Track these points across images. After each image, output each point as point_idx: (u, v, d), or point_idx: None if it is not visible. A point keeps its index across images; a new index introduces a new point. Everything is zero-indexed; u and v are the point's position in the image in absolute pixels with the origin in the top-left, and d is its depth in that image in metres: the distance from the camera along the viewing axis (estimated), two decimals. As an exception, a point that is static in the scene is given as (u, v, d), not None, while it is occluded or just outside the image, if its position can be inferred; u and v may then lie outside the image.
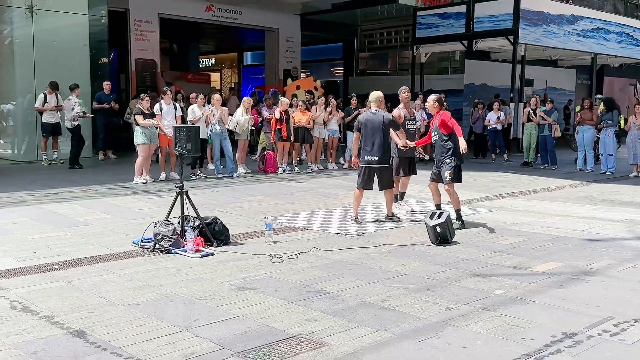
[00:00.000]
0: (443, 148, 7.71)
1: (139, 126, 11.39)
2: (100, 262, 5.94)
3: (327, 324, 4.30)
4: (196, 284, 5.23)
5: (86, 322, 4.29)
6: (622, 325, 4.30)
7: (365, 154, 7.86)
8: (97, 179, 11.65)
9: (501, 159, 16.30)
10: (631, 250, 6.57)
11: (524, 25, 18.11)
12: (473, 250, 6.51)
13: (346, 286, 5.22)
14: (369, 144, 7.83)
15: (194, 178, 12.01)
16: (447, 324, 4.32)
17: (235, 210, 8.76)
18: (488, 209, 9.09)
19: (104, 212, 8.52)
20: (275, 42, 22.27)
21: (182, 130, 7.05)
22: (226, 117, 12.50)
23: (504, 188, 11.39)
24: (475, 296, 4.95)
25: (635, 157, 13.41)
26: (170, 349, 3.84)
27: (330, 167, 14.33)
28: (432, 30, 20.10)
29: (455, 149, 7.66)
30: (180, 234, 6.48)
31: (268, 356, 3.75)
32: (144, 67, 18.46)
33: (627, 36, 22.62)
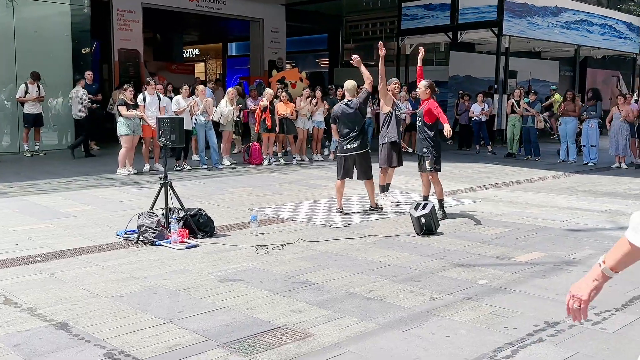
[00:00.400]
0: (425, 137, 7.69)
1: (122, 117, 11.30)
2: (83, 254, 5.90)
3: (312, 314, 4.31)
4: (181, 276, 5.22)
5: (69, 314, 4.26)
6: (604, 315, 4.35)
7: (344, 144, 7.89)
8: (80, 171, 11.55)
9: (485, 150, 16.40)
10: (612, 240, 6.64)
11: (508, 17, 18.17)
12: (457, 241, 6.56)
13: (331, 277, 5.23)
14: (347, 134, 7.86)
15: (179, 169, 11.95)
16: (431, 313, 4.35)
17: (220, 202, 8.74)
18: (472, 200, 9.15)
19: (87, 203, 8.45)
20: (260, 33, 22.15)
21: (166, 121, 7.00)
22: (211, 108, 12.43)
23: (488, 179, 11.47)
24: (459, 286, 4.99)
25: (618, 148, 13.55)
26: (155, 340, 3.83)
27: (316, 158, 14.33)
28: (417, 21, 20.10)
29: (436, 138, 7.67)
30: (165, 226, 6.44)
31: (253, 347, 3.75)
32: (127, 58, 18.29)
33: (610, 28, 22.80)
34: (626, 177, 12.05)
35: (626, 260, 1.80)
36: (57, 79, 15.26)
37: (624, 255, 1.80)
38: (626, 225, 6.41)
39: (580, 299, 1.87)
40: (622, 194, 9.94)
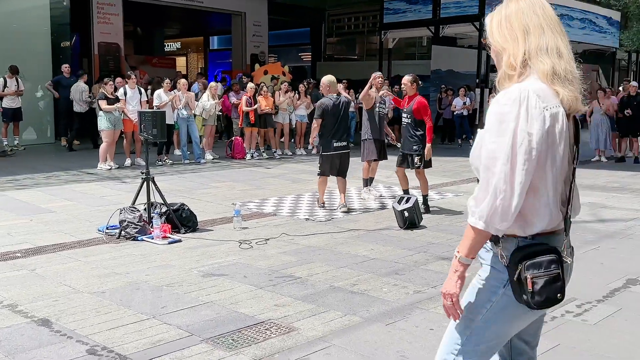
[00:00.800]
0: (412, 133, 7.63)
1: (102, 111, 11.18)
2: (64, 249, 5.83)
3: (296, 309, 4.31)
4: (163, 271, 5.18)
5: (51, 311, 4.22)
6: (585, 306, 4.40)
7: (334, 141, 7.73)
8: (60, 166, 11.41)
9: (467, 144, 16.49)
10: (593, 233, 6.73)
11: (490, 11, 18.24)
12: (440, 234, 6.59)
13: (315, 271, 5.23)
14: (336, 131, 7.73)
15: (161, 164, 11.87)
16: (414, 306, 4.37)
17: (203, 197, 8.69)
18: (455, 194, 9.20)
19: (68, 199, 8.36)
20: (242, 26, 22.02)
21: (147, 116, 6.94)
22: (192, 102, 12.35)
23: (471, 173, 11.51)
24: (443, 279, 4.98)
25: (598, 141, 13.71)
26: (138, 336, 3.80)
27: (299, 152, 14.31)
28: (399, 15, 20.13)
29: (423, 136, 7.60)
30: (147, 221, 6.40)
31: (237, 342, 3.74)
32: (107, 51, 18.09)
33: (589, 22, 23.01)
34: (606, 170, 12.19)
35: (474, 244, 1.93)
36: (36, 73, 15.04)
37: (472, 240, 1.93)
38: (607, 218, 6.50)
39: (451, 295, 1.96)
40: (602, 187, 10.06)
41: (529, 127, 1.84)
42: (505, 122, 1.85)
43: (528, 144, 1.83)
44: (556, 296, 1.92)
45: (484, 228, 1.89)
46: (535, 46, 1.92)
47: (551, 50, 1.91)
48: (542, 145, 1.85)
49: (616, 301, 4.53)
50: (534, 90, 1.87)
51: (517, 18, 1.96)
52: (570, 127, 1.96)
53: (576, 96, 1.91)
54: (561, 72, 1.89)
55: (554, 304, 1.93)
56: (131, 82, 11.79)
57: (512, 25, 1.97)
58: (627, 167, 12.70)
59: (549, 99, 1.88)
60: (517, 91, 1.88)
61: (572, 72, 1.93)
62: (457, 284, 1.96)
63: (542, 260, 1.89)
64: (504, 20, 1.99)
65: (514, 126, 1.84)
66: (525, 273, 1.89)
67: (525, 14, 1.95)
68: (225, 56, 26.96)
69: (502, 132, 1.85)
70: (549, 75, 1.89)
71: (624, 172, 11.79)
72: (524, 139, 1.83)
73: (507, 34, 1.97)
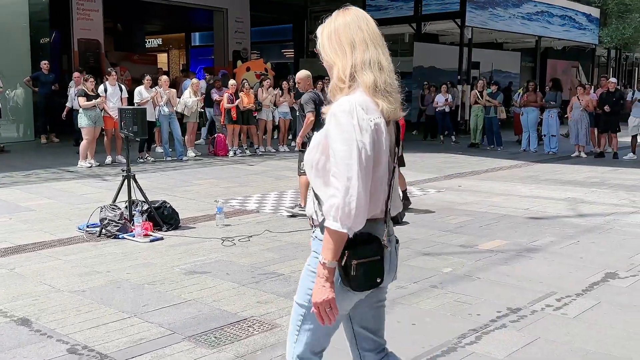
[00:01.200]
0: None
1: (82, 108, 11.06)
2: (44, 248, 5.77)
3: (279, 305, 4.31)
4: (145, 269, 5.15)
5: (30, 310, 4.17)
6: (565, 300, 4.46)
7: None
8: (40, 163, 11.28)
9: (449, 140, 16.58)
10: (572, 227, 6.81)
11: (471, 8, 18.36)
12: (422, 230, 6.62)
13: (298, 268, 5.22)
14: (319, 127, 7.66)
15: (142, 162, 11.78)
16: (396, 302, 4.39)
17: (185, 194, 8.65)
18: (437, 190, 9.25)
19: (48, 197, 8.27)
20: (224, 23, 21.89)
21: (128, 112, 6.88)
22: (174, 99, 12.28)
23: (452, 169, 11.61)
24: (424, 274, 5.05)
25: (578, 137, 13.85)
26: (119, 335, 3.78)
27: (282, 149, 14.28)
28: (381, 12, 20.14)
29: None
30: (128, 219, 6.35)
31: (220, 339, 3.73)
32: (87, 47, 17.89)
33: (569, 19, 23.24)
34: (586, 165, 12.33)
35: (337, 247, 2.03)
36: (15, 70, 14.84)
37: (334, 244, 2.02)
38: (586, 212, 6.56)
39: (329, 301, 2.05)
40: (581, 182, 10.18)
41: (362, 137, 2.02)
42: (347, 132, 2.02)
43: (365, 151, 2.01)
44: (375, 280, 2.09)
45: (341, 229, 1.99)
46: (361, 60, 2.08)
47: (373, 64, 2.08)
48: (372, 152, 2.03)
49: (595, 295, 4.59)
50: (359, 103, 2.05)
51: (344, 32, 2.12)
52: (391, 131, 2.16)
53: (395, 107, 2.10)
54: (381, 84, 2.07)
55: (373, 287, 2.11)
56: (111, 78, 11.68)
57: (340, 39, 2.12)
58: (606, 162, 12.86)
59: (372, 111, 2.06)
60: (347, 103, 2.05)
61: (392, 84, 2.10)
62: (330, 289, 2.05)
63: (364, 247, 2.06)
64: (333, 33, 2.14)
65: (351, 136, 2.01)
66: (349, 259, 2.04)
67: (352, 29, 2.11)
68: (207, 53, 26.81)
69: (346, 141, 2.01)
70: (371, 88, 2.05)
71: (603, 168, 11.94)
72: (362, 147, 2.01)
73: (337, 48, 2.12)
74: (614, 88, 13.69)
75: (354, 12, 2.16)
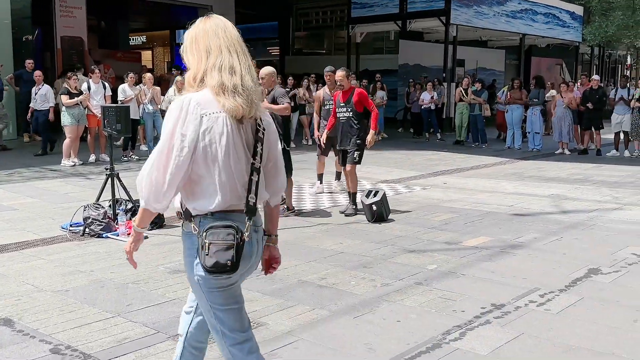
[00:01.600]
0: (353, 127, 7.21)
1: (65, 107, 10.97)
2: (27, 247, 5.71)
3: (264, 303, 4.30)
4: (129, 268, 5.09)
5: (13, 310, 4.13)
6: (548, 296, 4.49)
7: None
8: (23, 162, 11.16)
9: (435, 137, 16.64)
10: (556, 224, 6.86)
11: (456, 5, 18.43)
12: (407, 228, 6.64)
13: (284, 266, 5.18)
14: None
15: (126, 160, 11.70)
16: (382, 299, 4.40)
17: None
18: (422, 187, 9.28)
19: (31, 196, 8.18)
20: (209, 20, 21.77)
21: (111, 110, 6.83)
22: (158, 97, 12.20)
23: (437, 166, 11.65)
24: (410, 271, 5.06)
25: (561, 134, 13.96)
26: (103, 334, 3.75)
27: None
28: (366, 9, 20.18)
29: (364, 130, 7.27)
30: (112, 218, 6.30)
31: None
32: (71, 45, 17.72)
33: (553, 17, 23.41)
34: (569, 162, 12.44)
35: (143, 218, 2.36)
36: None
37: (141, 215, 2.35)
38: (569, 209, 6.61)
39: (127, 252, 2.44)
40: (565, 179, 10.26)
41: (184, 129, 2.23)
42: (169, 123, 2.26)
43: (180, 143, 2.22)
44: (226, 263, 2.23)
45: (145, 207, 2.31)
46: (212, 64, 2.30)
47: (224, 69, 2.28)
48: (196, 143, 2.23)
49: (578, 290, 4.63)
50: (196, 99, 2.27)
51: (202, 39, 2.34)
52: (248, 129, 2.34)
53: (243, 106, 2.27)
54: (230, 86, 2.27)
55: (222, 270, 2.24)
56: (95, 76, 11.58)
57: (199, 45, 2.34)
58: (589, 159, 12.98)
59: (210, 106, 2.26)
60: (180, 99, 2.30)
61: (244, 85, 2.29)
62: (131, 245, 2.42)
63: (218, 230, 2.24)
64: (194, 40, 2.36)
65: (172, 127, 2.25)
66: (205, 239, 2.24)
67: (209, 36, 2.33)
68: (192, 50, 26.61)
69: (165, 133, 2.26)
70: (215, 88, 2.27)
71: (587, 164, 12.05)
72: (177, 138, 2.23)
73: (195, 54, 2.35)
74: (597, 85, 13.81)
75: (214, 20, 2.37)
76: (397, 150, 13.86)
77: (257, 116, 2.35)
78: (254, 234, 2.38)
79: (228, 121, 2.27)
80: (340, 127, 7.34)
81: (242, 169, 2.31)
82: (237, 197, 2.32)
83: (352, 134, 7.22)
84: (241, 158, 2.31)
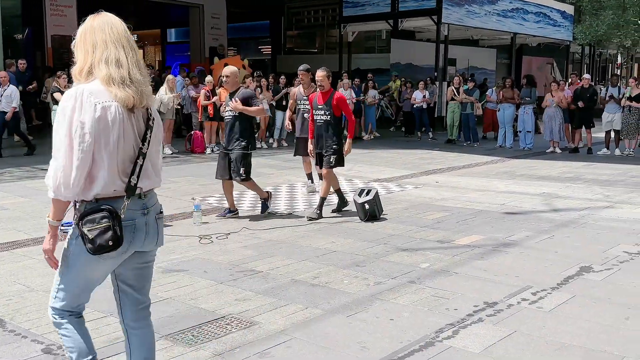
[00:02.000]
0: (329, 131, 7.05)
1: (56, 105, 10.91)
2: (18, 247, 5.68)
3: (257, 303, 4.30)
4: (122, 268, 5.09)
5: (4, 310, 4.11)
6: (540, 294, 4.51)
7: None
8: (13, 162, 11.10)
9: (426, 136, 16.68)
10: (547, 222, 6.89)
11: (447, 5, 18.48)
12: (400, 226, 6.66)
13: (276, 265, 5.22)
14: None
15: (118, 159, 11.65)
16: (375, 298, 4.41)
17: (161, 192, 8.52)
18: (414, 186, 9.30)
19: (21, 195, 8.14)
20: (200, 19, 21.73)
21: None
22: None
23: (429, 165, 11.68)
24: (402, 270, 5.07)
25: (552, 133, 14.02)
26: (95, 334, 3.73)
27: (258, 145, 14.22)
28: (358, 9, 20.19)
29: (340, 133, 7.17)
30: (104, 217, 6.27)
31: (198, 337, 3.71)
32: (61, 44, 17.64)
33: (544, 16, 23.50)
34: (560, 161, 12.50)
35: (56, 210, 2.51)
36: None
37: (54, 207, 2.50)
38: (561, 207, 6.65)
39: (46, 251, 2.57)
40: (556, 177, 10.31)
41: (82, 117, 2.36)
42: (66, 115, 2.37)
43: (81, 130, 2.36)
44: (108, 243, 2.42)
45: (55, 197, 2.44)
46: (99, 58, 2.45)
47: (111, 62, 2.44)
48: (94, 130, 2.37)
49: (570, 288, 4.65)
50: (88, 89, 2.40)
51: (90, 34, 2.49)
52: (139, 118, 2.52)
53: (134, 96, 2.44)
54: (117, 78, 2.43)
55: (107, 250, 2.43)
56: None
57: (86, 40, 2.49)
58: (580, 157, 13.05)
59: (102, 96, 2.41)
60: (74, 90, 2.42)
61: (131, 77, 2.46)
62: (50, 242, 2.55)
63: (95, 216, 2.42)
64: (83, 35, 2.50)
65: (70, 116, 2.36)
66: (83, 227, 2.43)
67: (96, 32, 2.48)
68: (183, 49, 26.58)
69: (64, 122, 2.37)
70: (104, 79, 2.43)
71: (578, 163, 12.11)
72: (77, 126, 2.35)
73: (83, 48, 2.49)
74: (587, 84, 13.88)
75: (102, 18, 2.53)
76: (389, 149, 13.88)
77: (148, 105, 2.54)
78: (142, 217, 2.55)
79: (120, 110, 2.43)
80: (316, 129, 7.18)
81: (131, 156, 2.49)
82: (121, 183, 2.48)
83: (328, 137, 7.03)
84: (131, 145, 2.48)
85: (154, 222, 2.62)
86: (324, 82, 7.04)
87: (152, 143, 2.56)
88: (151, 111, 2.57)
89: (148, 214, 2.58)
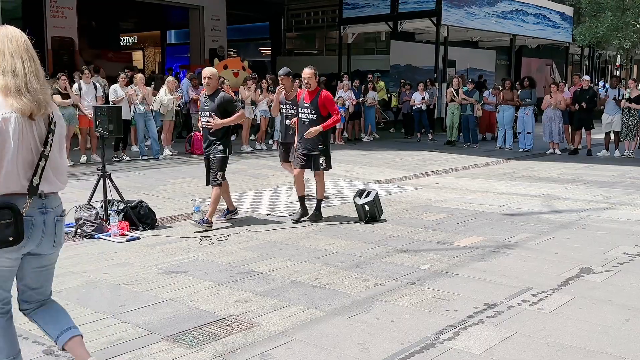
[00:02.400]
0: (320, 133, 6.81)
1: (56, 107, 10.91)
2: None
3: (257, 304, 4.30)
4: (122, 269, 5.10)
5: (4, 312, 4.10)
6: (540, 295, 4.51)
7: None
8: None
9: (426, 138, 16.68)
10: (547, 224, 6.89)
11: (447, 6, 18.49)
12: (400, 228, 6.66)
13: (277, 266, 5.22)
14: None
15: (117, 160, 11.66)
16: (375, 299, 4.41)
17: (161, 193, 8.57)
18: (414, 187, 9.30)
19: None
20: (200, 21, 21.76)
21: (103, 111, 6.80)
22: (150, 97, 12.16)
23: (429, 166, 11.68)
24: (403, 271, 5.07)
25: (551, 134, 14.03)
26: (96, 335, 3.74)
27: (258, 147, 14.24)
28: (357, 10, 20.20)
29: (327, 133, 7.03)
30: (104, 219, 6.28)
31: (198, 339, 3.71)
32: (61, 46, 17.66)
33: (543, 18, 23.51)
34: (560, 162, 12.50)
35: None
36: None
37: None
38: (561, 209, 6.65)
39: None
40: (556, 178, 10.31)
41: None
42: None
43: None
44: (7, 238, 2.58)
45: None
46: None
47: (7, 72, 2.59)
48: None
49: (570, 290, 4.65)
50: None
51: None
52: (40, 124, 2.69)
53: (30, 104, 2.60)
54: (13, 88, 2.59)
55: (7, 245, 2.60)
56: (85, 77, 11.53)
57: None
58: (580, 159, 13.05)
59: (1, 107, 2.57)
60: None
61: (27, 86, 2.61)
62: None
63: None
64: None
65: None
66: None
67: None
68: (183, 51, 26.59)
69: None
70: (1, 89, 2.59)
71: (578, 164, 12.12)
72: None
73: None
74: (587, 86, 13.89)
75: (3, 31, 2.67)
76: (388, 150, 13.88)
77: (49, 111, 2.71)
78: (41, 215, 2.72)
79: (20, 119, 2.59)
80: (300, 128, 6.95)
81: (32, 159, 2.65)
82: (22, 184, 2.64)
83: (314, 138, 6.80)
84: (30, 149, 2.65)
85: (52, 223, 2.78)
86: (311, 81, 6.81)
87: (54, 145, 2.74)
88: (53, 116, 2.74)
89: (47, 214, 2.75)
